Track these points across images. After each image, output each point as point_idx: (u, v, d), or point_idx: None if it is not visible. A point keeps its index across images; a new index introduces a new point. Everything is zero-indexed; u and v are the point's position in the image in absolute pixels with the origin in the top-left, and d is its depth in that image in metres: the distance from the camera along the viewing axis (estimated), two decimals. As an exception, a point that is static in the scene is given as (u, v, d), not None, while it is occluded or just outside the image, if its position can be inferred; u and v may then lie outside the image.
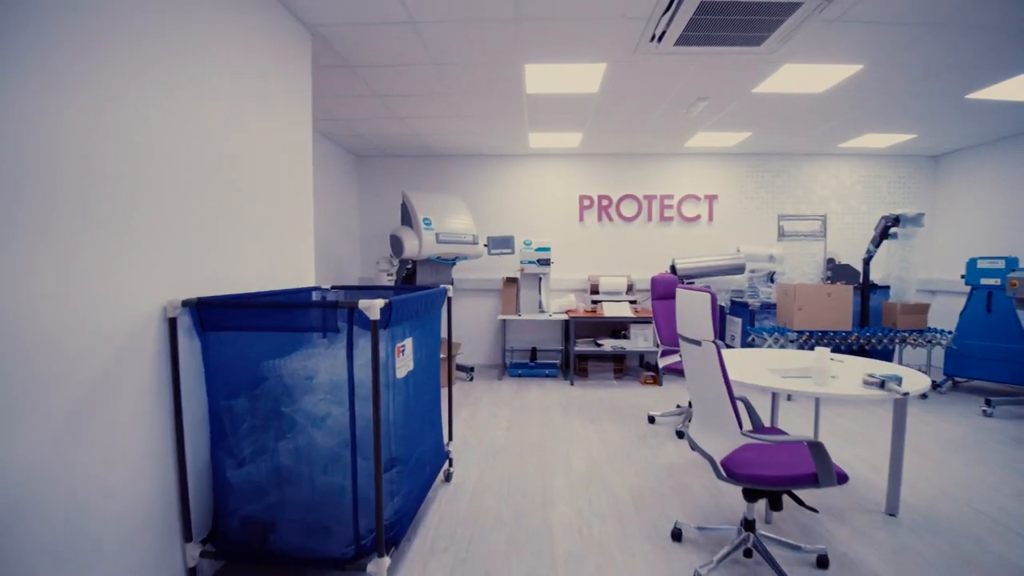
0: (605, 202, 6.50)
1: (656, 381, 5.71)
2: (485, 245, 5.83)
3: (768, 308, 5.68)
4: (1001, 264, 5.09)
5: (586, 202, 6.51)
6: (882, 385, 2.54)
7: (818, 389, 2.56)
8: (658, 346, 4.20)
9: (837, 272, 5.91)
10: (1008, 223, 5.73)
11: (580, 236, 6.56)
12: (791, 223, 5.58)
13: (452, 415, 3.52)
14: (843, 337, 5.13)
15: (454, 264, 5.73)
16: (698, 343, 2.28)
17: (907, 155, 6.57)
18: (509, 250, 5.95)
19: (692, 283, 6.02)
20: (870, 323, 5.61)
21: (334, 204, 6.01)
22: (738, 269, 5.95)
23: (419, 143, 5.92)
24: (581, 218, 6.53)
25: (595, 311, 5.97)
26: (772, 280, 6.04)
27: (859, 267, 5.85)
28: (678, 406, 4.64)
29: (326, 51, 3.40)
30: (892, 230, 5.50)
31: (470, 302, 6.62)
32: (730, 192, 6.54)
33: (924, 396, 5.14)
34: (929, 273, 6.50)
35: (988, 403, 4.57)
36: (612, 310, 5.81)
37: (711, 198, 6.51)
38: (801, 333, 5.11)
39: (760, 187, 6.54)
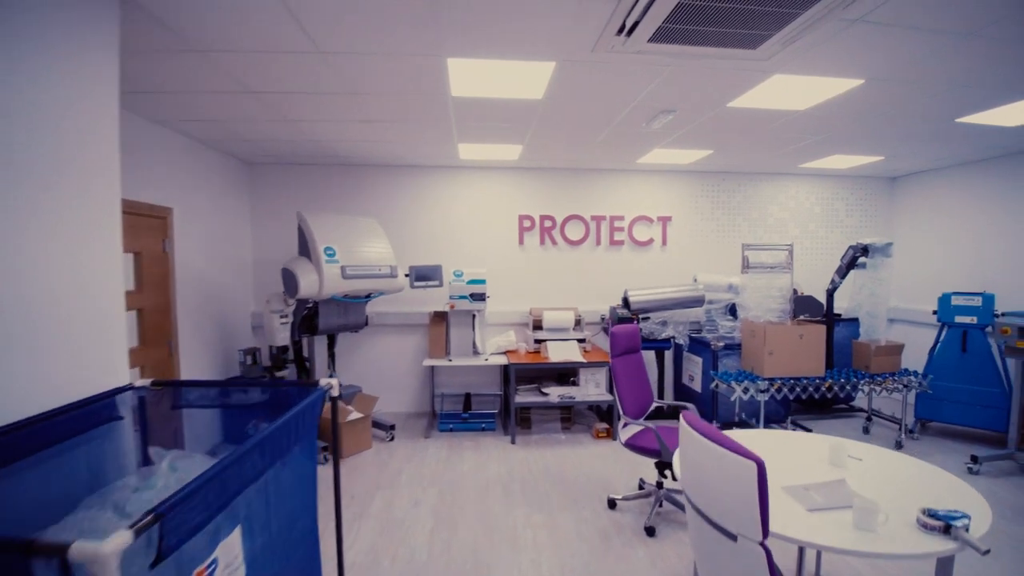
0: (548, 223, 5.66)
1: (609, 434, 4.92)
2: (407, 276, 4.83)
3: (732, 348, 5.03)
4: (977, 301, 4.67)
5: (527, 223, 5.64)
6: (947, 530, 1.80)
7: (864, 546, 1.77)
8: (620, 417, 3.41)
9: (800, 305, 5.36)
10: (965, 248, 5.38)
11: (520, 262, 5.69)
12: (756, 253, 5.00)
13: (342, 534, 2.52)
14: (815, 384, 4.54)
15: (368, 300, 4.68)
16: (732, 537, 1.43)
17: (865, 176, 6.17)
18: (436, 282, 4.97)
19: (647, 318, 5.30)
20: (835, 361, 5.11)
21: (220, 223, 4.81)
22: (697, 301, 5.28)
23: (321, 150, 4.83)
24: (521, 241, 5.65)
25: (538, 352, 5.11)
26: (733, 313, 5.42)
27: (822, 298, 5.35)
28: (642, 483, 3.85)
29: (151, 25, 2.32)
30: (860, 260, 5.00)
31: (391, 341, 5.58)
32: (685, 213, 5.88)
33: (900, 446, 4.65)
34: (886, 300, 6.11)
35: (974, 459, 4.09)
36: (558, 352, 4.97)
37: (665, 220, 5.82)
38: (772, 381, 4.47)
39: (716, 208, 5.93)
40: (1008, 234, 4.99)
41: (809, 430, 4.94)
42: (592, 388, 4.99)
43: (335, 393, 2.10)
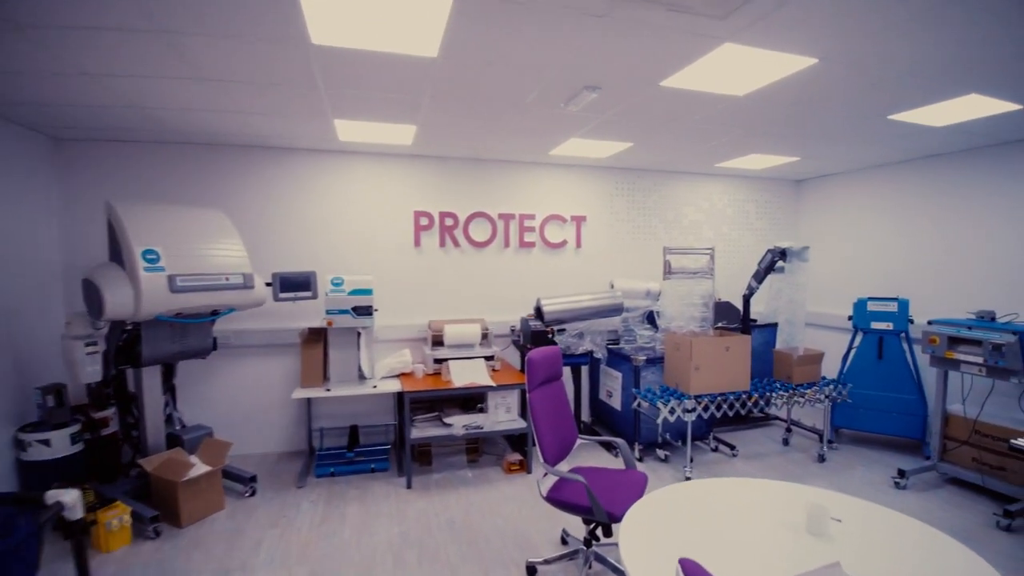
0: (450, 222, 4.88)
1: (523, 467, 4.24)
2: (269, 285, 3.83)
3: (654, 362, 4.56)
4: (893, 307, 4.56)
5: (424, 221, 4.82)
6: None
7: None
8: (544, 464, 2.71)
9: (718, 311, 5.04)
10: (867, 251, 5.37)
11: (417, 267, 4.85)
12: (677, 258, 4.59)
13: None
14: (742, 400, 4.17)
15: (216, 319, 3.61)
16: None
17: (773, 179, 6.05)
18: (309, 293, 4.01)
19: (563, 330, 4.69)
20: (752, 370, 4.81)
21: (13, 218, 3.49)
22: (616, 310, 4.76)
23: (149, 122, 3.68)
24: (417, 242, 4.82)
25: (439, 374, 4.31)
26: (651, 321, 4.98)
27: (737, 303, 5.07)
28: (565, 536, 3.20)
29: None
30: (779, 264, 4.74)
31: (254, 366, 4.51)
32: (599, 213, 5.36)
33: (823, 459, 4.42)
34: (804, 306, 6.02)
35: (901, 474, 3.90)
36: (463, 373, 4.20)
37: (579, 220, 5.26)
38: (699, 399, 4.03)
39: (632, 207, 5.48)
40: (911, 238, 4.99)
41: (732, 446, 4.60)
42: (503, 414, 4.28)
43: (74, 515, 1.19)
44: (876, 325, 4.62)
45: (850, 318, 4.85)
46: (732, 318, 5.28)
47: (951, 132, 3.94)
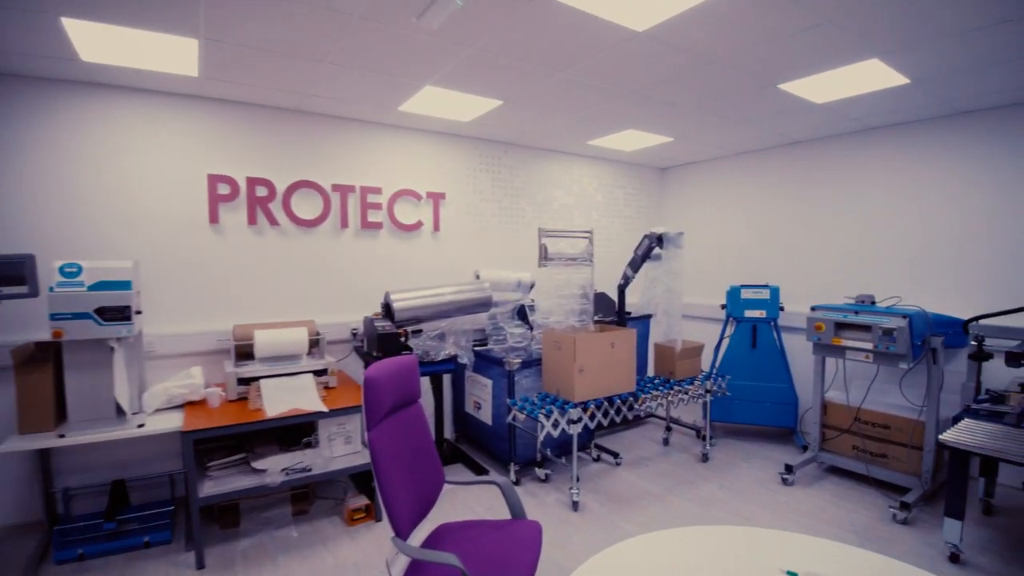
0: (263, 192, 3.66)
1: (371, 513, 3.22)
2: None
3: (530, 364, 3.84)
4: (765, 294, 4.39)
5: (224, 189, 3.54)
6: None
7: None
8: (394, 540, 1.76)
9: (595, 303, 4.50)
10: (728, 239, 5.29)
11: (214, 252, 3.56)
12: (555, 242, 3.94)
13: None
14: (628, 402, 3.63)
15: None
16: None
17: (640, 165, 5.76)
18: (24, 288, 2.59)
19: (419, 332, 3.76)
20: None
21: None
22: (484, 305, 3.96)
23: None
24: (215, 218, 3.53)
25: (246, 400, 3.12)
26: (522, 317, 4.27)
27: (612, 294, 4.61)
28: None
29: None
30: (655, 251, 4.33)
31: (-68, 404, 2.88)
32: (461, 191, 4.52)
33: (706, 458, 4.08)
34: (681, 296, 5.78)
35: (789, 469, 3.64)
36: (281, 397, 3.07)
37: (437, 198, 4.37)
38: (585, 406, 3.39)
39: (498, 187, 4.73)
40: (774, 226, 4.94)
41: (616, 454, 4.07)
42: (341, 447, 3.22)
43: None
44: (750, 313, 4.43)
45: (723, 307, 4.63)
46: (607, 311, 4.80)
47: (825, 113, 3.81)
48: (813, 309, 3.57)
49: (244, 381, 3.18)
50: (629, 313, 4.69)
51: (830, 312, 3.46)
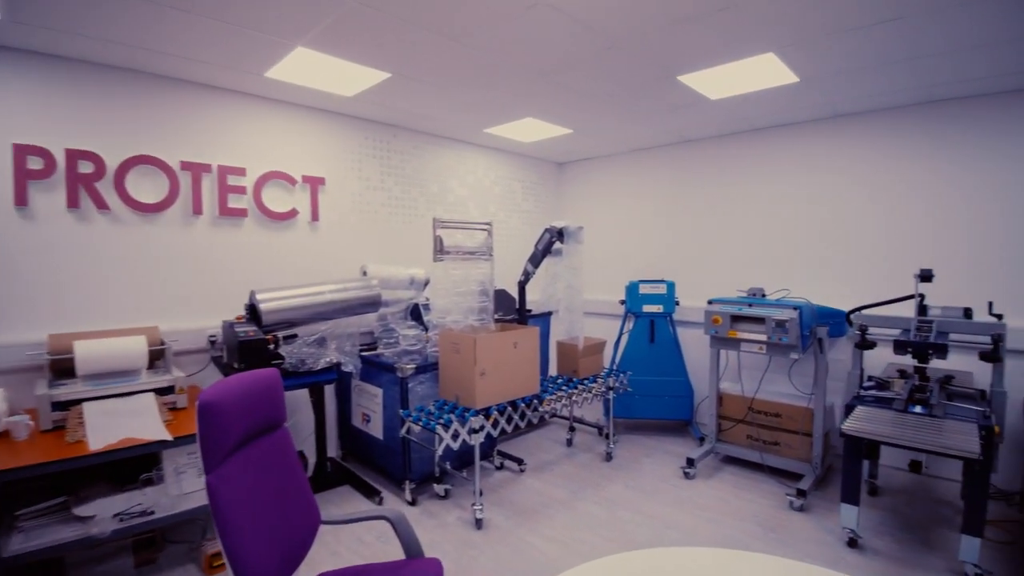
0: (88, 168, 2.92)
1: (231, 557, 2.67)
2: None
3: (425, 370, 3.47)
4: (662, 289, 4.39)
5: (35, 163, 2.77)
6: None
7: None
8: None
9: (495, 301, 4.24)
10: (625, 237, 5.31)
11: (21, 242, 2.77)
12: (451, 234, 3.59)
13: None
14: (533, 405, 3.40)
15: None
16: None
17: (538, 158, 5.60)
18: None
19: (293, 337, 3.25)
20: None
21: None
22: (371, 304, 3.52)
23: None
24: (22, 200, 2.74)
25: (63, 432, 2.43)
26: (418, 317, 3.88)
27: (512, 291, 4.39)
28: None
29: None
30: (556, 246, 4.15)
31: None
32: (344, 177, 4.03)
33: (610, 457, 3.97)
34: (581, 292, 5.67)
35: (690, 463, 3.62)
36: (110, 425, 2.42)
37: (315, 183, 3.84)
38: (487, 412, 3.09)
39: (387, 174, 4.29)
40: (668, 222, 5.00)
41: (520, 460, 3.83)
42: (192, 481, 2.63)
43: None
44: (648, 308, 4.41)
45: (623, 302, 4.58)
46: (507, 308, 4.55)
47: (718, 110, 3.85)
48: (710, 303, 3.58)
49: (62, 405, 2.49)
50: (530, 311, 4.48)
51: (726, 305, 3.48)
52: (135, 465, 2.66)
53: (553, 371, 4.34)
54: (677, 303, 4.45)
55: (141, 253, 3.12)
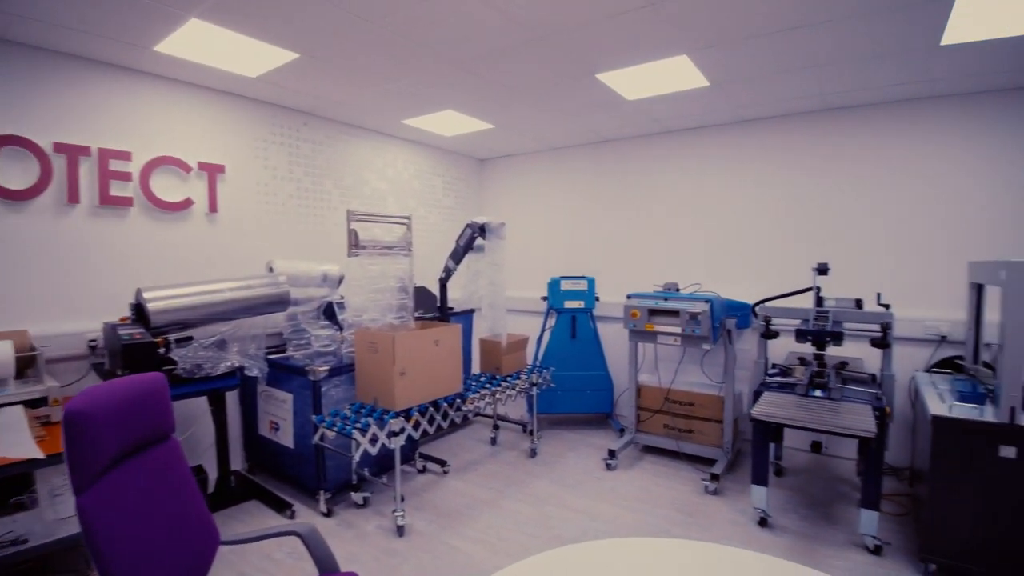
0: (-75, 147, 2.48)
1: (115, 590, 2.35)
2: None
3: (341, 372, 3.28)
4: (583, 285, 4.45)
5: None
6: None
7: None
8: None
9: (415, 298, 4.10)
10: (547, 234, 5.35)
11: None
12: (368, 227, 3.40)
13: None
14: (456, 405, 3.30)
15: None
16: None
17: (459, 153, 5.50)
18: None
19: (187, 340, 2.95)
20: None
21: None
22: (278, 303, 3.27)
23: None
24: None
25: None
26: (332, 317, 3.66)
27: (433, 288, 4.28)
28: None
29: None
30: (478, 242, 4.09)
31: None
32: (248, 165, 3.72)
33: (534, 453, 3.96)
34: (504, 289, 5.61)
35: (611, 454, 3.69)
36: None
37: (213, 171, 3.51)
38: (408, 414, 2.96)
39: (297, 163, 4.02)
40: (587, 220, 5.08)
41: (443, 462, 3.72)
42: (71, 504, 2.30)
43: None
44: (569, 304, 4.45)
45: (544, 299, 4.60)
46: (428, 306, 4.42)
47: (634, 111, 3.96)
48: (629, 297, 3.66)
49: None
50: (452, 308, 4.38)
51: (644, 300, 3.57)
52: (4, 488, 2.29)
53: (476, 369, 4.27)
54: (597, 299, 4.53)
55: (6, 246, 2.69)
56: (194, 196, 3.40)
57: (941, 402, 2.53)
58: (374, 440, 2.77)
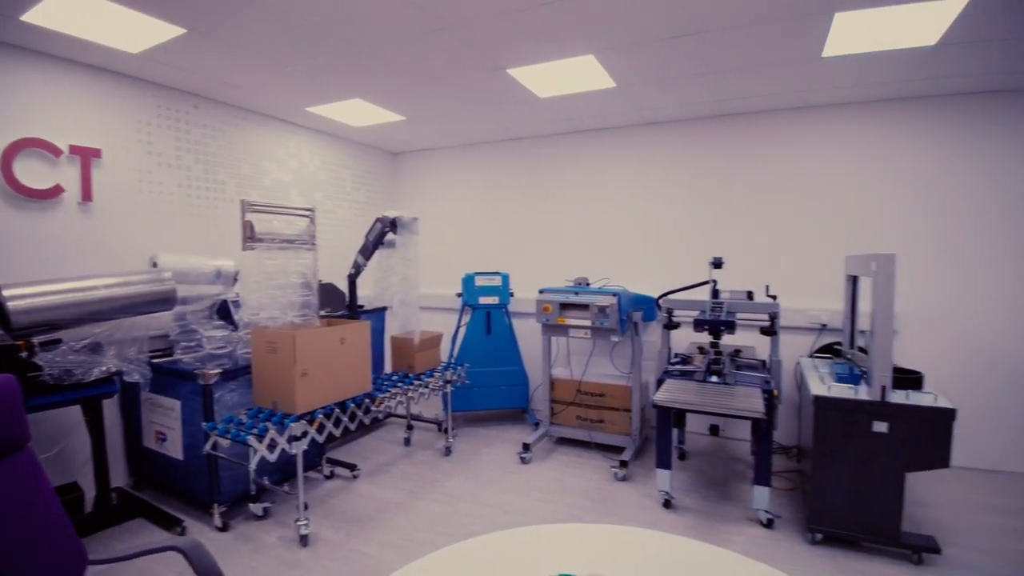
0: None
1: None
2: None
3: (235, 374, 3.05)
4: (498, 281, 4.45)
5: None
6: None
7: None
8: None
9: (321, 296, 3.91)
10: (462, 230, 5.32)
11: None
12: (266, 219, 3.18)
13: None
14: (364, 405, 3.18)
15: None
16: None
17: (370, 146, 5.33)
18: None
19: (54, 343, 2.62)
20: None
21: None
22: (164, 302, 2.99)
23: None
24: None
25: None
26: (227, 316, 3.40)
27: (342, 285, 4.12)
28: None
29: None
30: (389, 237, 3.97)
31: None
32: (128, 150, 3.37)
33: (449, 451, 3.90)
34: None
35: (526, 448, 3.71)
36: None
37: (87, 155, 3.14)
38: (311, 417, 2.81)
39: (186, 149, 3.70)
40: (503, 216, 5.09)
41: (352, 466, 3.58)
42: None
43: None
44: (484, 300, 4.44)
45: (459, 295, 4.55)
46: (336, 304, 4.25)
47: (546, 109, 4.01)
48: (541, 292, 3.70)
49: None
50: (362, 306, 4.23)
51: (556, 294, 3.63)
52: None
53: (389, 368, 4.14)
54: (512, 294, 4.55)
55: None
56: (65, 183, 3.02)
57: (822, 384, 2.76)
58: (272, 446, 2.60)
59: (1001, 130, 3.45)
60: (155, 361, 3.07)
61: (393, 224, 3.86)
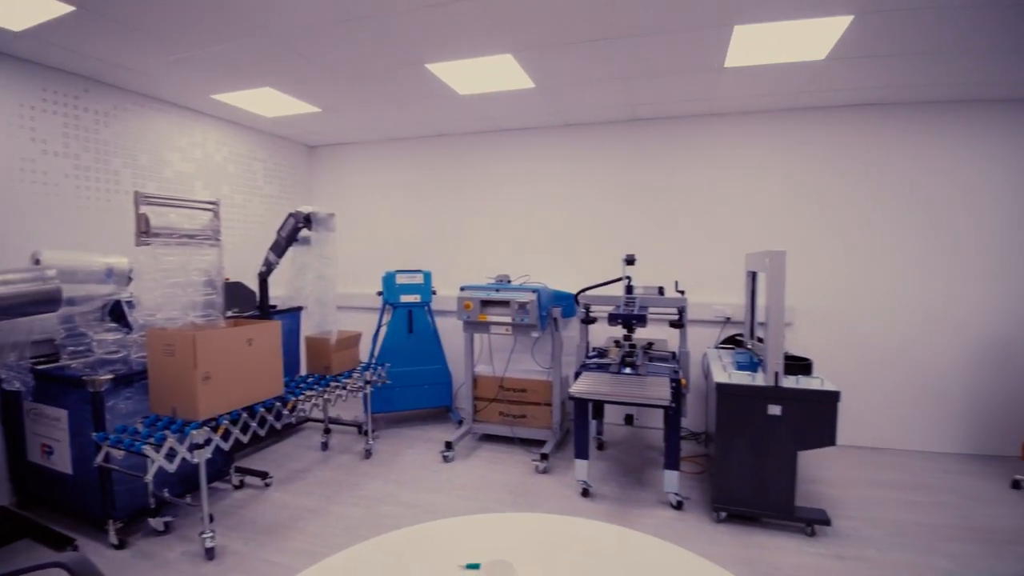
0: None
1: None
2: None
3: (130, 380, 2.83)
4: (419, 279, 4.39)
5: None
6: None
7: None
8: None
9: (228, 295, 3.70)
10: (383, 228, 5.22)
11: None
12: (163, 212, 2.94)
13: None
14: (276, 410, 3.04)
15: None
16: None
17: (284, 138, 5.10)
18: None
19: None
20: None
21: None
22: (47, 302, 2.71)
23: None
24: None
25: None
26: (121, 318, 3.14)
27: (252, 284, 3.94)
28: None
29: None
30: (303, 233, 3.82)
31: None
32: (9, 137, 3.02)
33: (369, 454, 3.81)
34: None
35: (448, 446, 3.70)
36: None
37: (-53, 141, 2.80)
38: (215, 423, 2.65)
39: (74, 137, 3.37)
40: (425, 213, 5.04)
41: (264, 473, 3.41)
42: None
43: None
44: (405, 298, 4.37)
45: (379, 293, 4.45)
46: (246, 304, 4.04)
47: (467, 106, 4.01)
48: (462, 289, 3.70)
49: None
50: (274, 306, 4.05)
51: (477, 291, 3.64)
52: None
53: (304, 370, 3.99)
54: (434, 292, 4.52)
55: None
56: (-85, 170, 2.67)
57: (724, 371, 2.95)
58: (172, 455, 2.43)
59: (885, 140, 3.83)
60: (39, 368, 2.79)
61: (308, 220, 3.73)
